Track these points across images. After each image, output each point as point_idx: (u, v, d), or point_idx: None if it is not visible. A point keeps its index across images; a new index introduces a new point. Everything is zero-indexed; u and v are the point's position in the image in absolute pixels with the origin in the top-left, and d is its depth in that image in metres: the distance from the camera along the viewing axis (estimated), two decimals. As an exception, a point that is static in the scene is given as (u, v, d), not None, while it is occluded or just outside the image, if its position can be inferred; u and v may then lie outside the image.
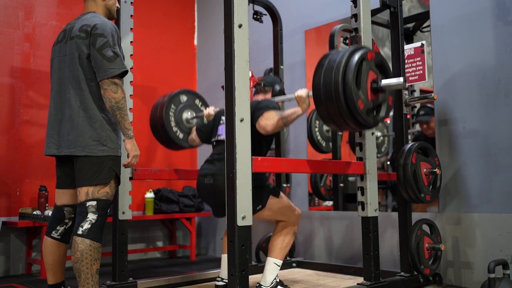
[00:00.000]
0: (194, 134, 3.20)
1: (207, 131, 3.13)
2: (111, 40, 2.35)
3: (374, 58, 2.47)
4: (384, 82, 2.47)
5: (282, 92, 3.08)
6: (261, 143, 2.85)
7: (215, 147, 2.95)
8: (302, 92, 2.73)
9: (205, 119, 3.31)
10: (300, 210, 3.02)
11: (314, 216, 4.12)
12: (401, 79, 2.44)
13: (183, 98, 3.60)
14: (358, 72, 2.38)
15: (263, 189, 2.79)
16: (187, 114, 3.58)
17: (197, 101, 3.68)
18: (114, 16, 2.64)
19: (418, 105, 3.88)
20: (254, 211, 2.72)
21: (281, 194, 2.91)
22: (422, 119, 3.81)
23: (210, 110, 3.25)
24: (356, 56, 2.37)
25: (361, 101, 2.36)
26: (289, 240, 2.88)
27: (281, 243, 2.84)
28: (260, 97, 3.07)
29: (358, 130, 2.68)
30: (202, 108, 3.67)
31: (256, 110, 2.74)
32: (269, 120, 2.68)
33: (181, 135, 3.54)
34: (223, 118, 2.63)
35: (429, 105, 3.71)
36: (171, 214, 4.68)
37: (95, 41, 2.34)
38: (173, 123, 3.52)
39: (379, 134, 4.37)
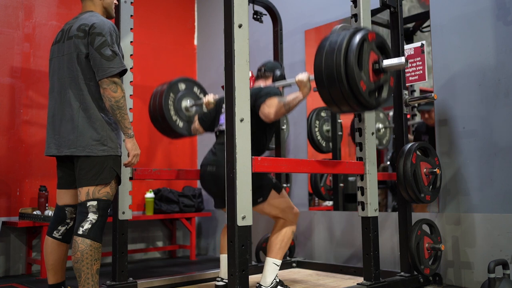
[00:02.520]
0: (197, 123, 3.16)
1: (209, 120, 3.10)
2: (110, 39, 2.35)
3: (375, 39, 2.47)
4: (386, 62, 2.47)
5: (282, 77, 3.05)
6: (265, 130, 2.84)
7: (218, 137, 2.94)
8: (303, 76, 2.71)
9: (204, 107, 3.28)
10: (300, 210, 3.02)
11: (314, 216, 4.12)
12: (402, 59, 2.43)
13: (182, 86, 3.58)
14: (360, 53, 2.37)
15: (266, 182, 2.78)
16: (186, 102, 3.55)
17: (195, 89, 3.65)
18: (112, 14, 2.63)
19: (418, 95, 3.86)
20: (255, 202, 2.71)
21: (283, 191, 2.91)
22: (423, 108, 3.80)
23: (210, 98, 3.22)
24: (357, 37, 2.36)
25: (363, 82, 2.36)
26: (287, 239, 2.87)
27: (280, 243, 2.84)
28: (260, 83, 3.04)
29: (361, 112, 2.65)
30: (201, 95, 3.64)
31: (258, 98, 2.73)
32: (271, 108, 2.66)
33: (180, 124, 3.51)
34: (224, 106, 2.61)
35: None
36: (171, 214, 4.68)
37: (94, 40, 2.33)
38: (172, 112, 3.48)
39: (380, 126, 4.36)
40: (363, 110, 2.51)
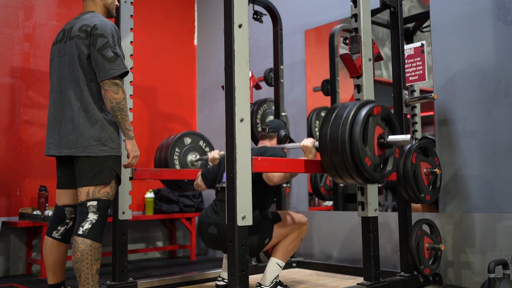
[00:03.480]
0: (199, 180, 3.13)
1: (212, 177, 3.07)
2: (111, 40, 2.35)
3: (381, 113, 2.46)
4: (391, 138, 2.46)
5: (287, 137, 3.09)
6: (267, 188, 2.84)
7: (219, 193, 2.93)
8: (308, 142, 2.74)
9: (209, 163, 3.30)
10: (300, 210, 3.02)
11: (314, 216, 4.12)
12: (408, 136, 2.43)
13: (187, 140, 3.63)
14: (365, 128, 2.37)
15: (266, 222, 2.80)
16: (191, 156, 3.60)
17: (201, 142, 3.71)
18: (113, 14, 2.63)
19: (419, 136, 3.85)
20: (263, 245, 2.77)
21: (282, 214, 2.91)
22: None
23: (215, 154, 3.23)
24: (363, 112, 2.36)
25: (368, 158, 2.36)
26: (295, 244, 2.89)
27: (287, 246, 2.86)
28: (266, 142, 3.07)
29: (364, 185, 2.68)
30: (207, 149, 3.69)
31: None
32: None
33: (186, 179, 3.55)
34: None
35: (429, 136, 3.69)
36: (171, 214, 4.68)
37: (95, 42, 2.33)
38: (177, 167, 3.55)
39: None
40: (367, 183, 2.52)
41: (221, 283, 2.98)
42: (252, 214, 2.20)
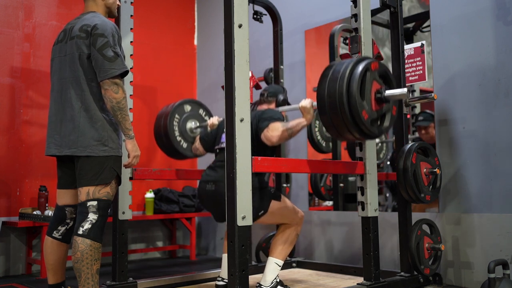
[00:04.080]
0: (197, 143, 3.16)
1: (210, 140, 3.10)
2: (112, 40, 2.35)
3: (378, 69, 2.47)
4: (388, 92, 2.48)
5: (285, 102, 3.09)
6: (266, 151, 2.84)
7: (218, 154, 2.94)
8: (306, 102, 2.73)
9: (209, 128, 3.31)
10: (301, 211, 3.02)
11: (314, 216, 4.12)
12: (404, 90, 2.45)
13: (187, 107, 3.63)
14: (362, 82, 2.38)
15: (264, 194, 2.78)
16: (191, 124, 3.60)
17: (201, 111, 3.71)
18: (115, 14, 2.63)
19: (417, 111, 3.86)
20: (256, 216, 2.73)
21: (283, 197, 2.91)
22: (420, 124, 3.79)
23: (214, 120, 3.24)
24: (360, 67, 2.37)
25: (366, 111, 2.37)
26: (291, 241, 2.88)
27: (283, 243, 2.85)
28: (264, 107, 3.07)
29: (362, 140, 2.69)
30: (206, 118, 3.70)
31: (261, 121, 2.74)
32: (274, 132, 2.67)
33: (185, 145, 3.56)
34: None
35: (428, 110, 3.68)
36: (171, 214, 4.68)
37: (96, 41, 2.33)
38: (177, 133, 3.55)
39: (377, 140, 4.35)
40: (364, 138, 2.53)
41: (221, 283, 2.98)
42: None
